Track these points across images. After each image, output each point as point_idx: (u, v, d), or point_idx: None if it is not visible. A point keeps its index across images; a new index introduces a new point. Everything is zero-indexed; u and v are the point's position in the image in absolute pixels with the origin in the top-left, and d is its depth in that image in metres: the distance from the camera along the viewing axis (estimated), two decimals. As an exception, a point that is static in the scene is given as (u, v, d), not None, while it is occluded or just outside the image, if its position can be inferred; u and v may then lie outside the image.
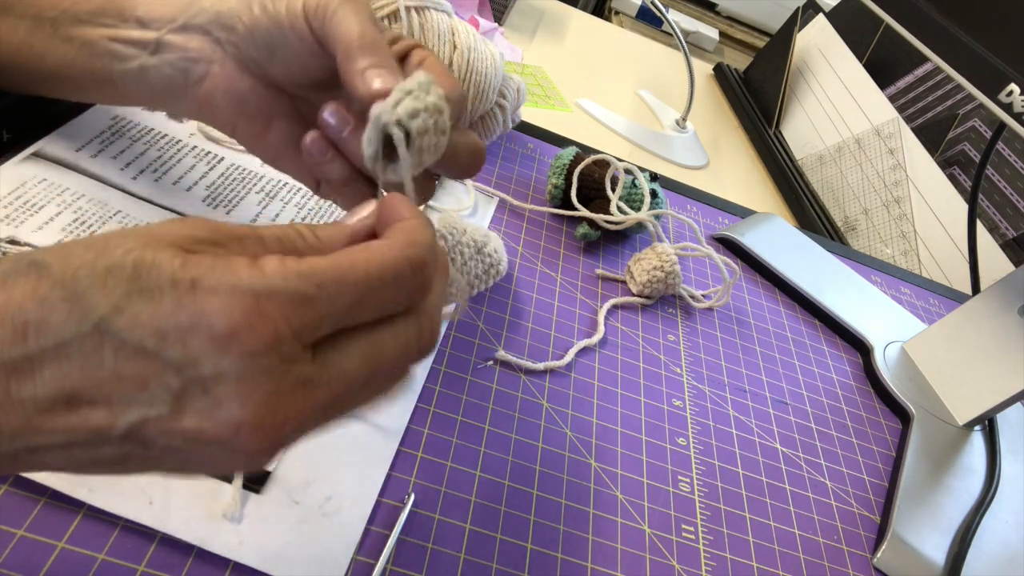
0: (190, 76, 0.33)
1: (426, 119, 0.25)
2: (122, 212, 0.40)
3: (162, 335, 0.18)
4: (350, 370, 0.21)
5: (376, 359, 0.22)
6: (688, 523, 0.40)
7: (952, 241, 0.77)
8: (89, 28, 0.34)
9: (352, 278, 0.20)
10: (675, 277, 0.52)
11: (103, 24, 0.34)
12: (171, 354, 0.18)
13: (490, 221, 0.54)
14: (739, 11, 1.61)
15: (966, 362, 0.55)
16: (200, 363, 0.18)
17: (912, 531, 0.44)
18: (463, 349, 0.43)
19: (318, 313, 0.20)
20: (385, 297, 0.21)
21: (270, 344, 0.19)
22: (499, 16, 0.98)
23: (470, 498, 0.36)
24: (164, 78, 0.34)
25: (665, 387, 0.48)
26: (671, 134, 0.93)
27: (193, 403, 0.19)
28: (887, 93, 0.93)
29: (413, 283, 0.22)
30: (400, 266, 0.21)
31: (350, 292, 0.20)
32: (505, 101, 0.59)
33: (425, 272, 0.22)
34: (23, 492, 0.28)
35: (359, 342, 0.21)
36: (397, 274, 0.21)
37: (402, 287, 0.22)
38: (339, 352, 0.21)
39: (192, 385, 0.18)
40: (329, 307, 0.20)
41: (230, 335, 0.18)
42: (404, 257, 0.22)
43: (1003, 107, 0.44)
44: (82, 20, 0.34)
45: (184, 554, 0.29)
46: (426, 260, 0.22)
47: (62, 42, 0.34)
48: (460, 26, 0.55)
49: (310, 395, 0.20)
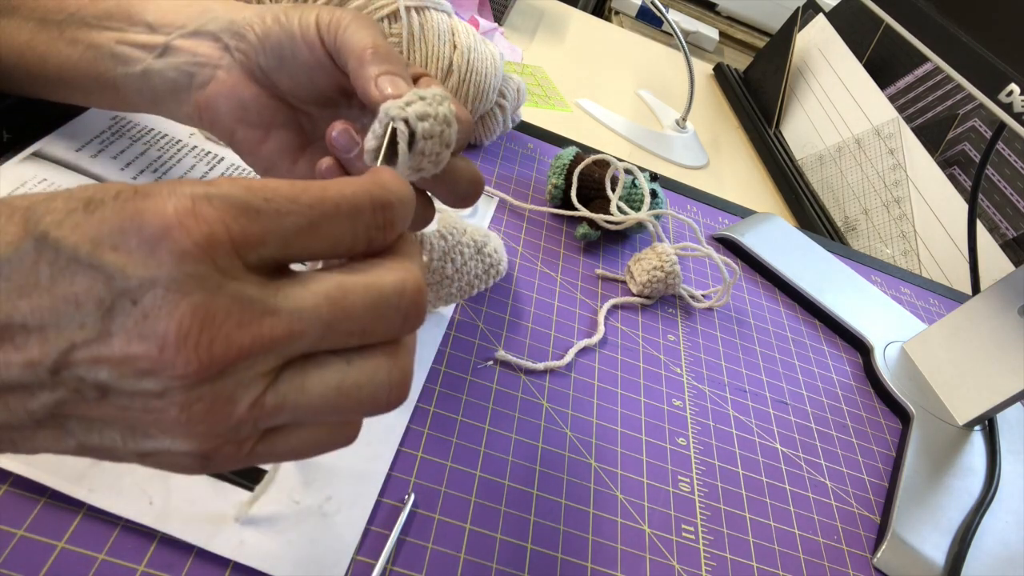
0: (195, 80, 0.33)
1: (433, 125, 0.25)
2: (122, 212, 0.40)
3: (96, 241, 0.17)
4: (307, 307, 0.19)
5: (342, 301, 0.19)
6: (688, 523, 0.40)
7: (952, 241, 0.77)
8: (96, 31, 0.34)
9: (305, 199, 0.19)
10: (675, 277, 0.52)
11: (111, 28, 0.34)
12: (103, 260, 0.17)
13: (490, 221, 0.54)
14: (739, 11, 1.61)
15: (966, 362, 0.55)
16: (128, 270, 0.17)
17: (912, 531, 0.44)
18: (463, 349, 0.43)
19: (262, 227, 0.18)
20: (340, 228, 0.20)
21: (203, 246, 0.17)
22: (499, 16, 0.98)
23: (470, 498, 0.36)
24: (167, 81, 0.34)
25: (665, 387, 0.48)
26: (671, 134, 0.93)
27: (122, 319, 0.17)
28: (887, 93, 0.93)
29: (372, 220, 0.20)
30: (360, 199, 0.20)
31: (301, 212, 0.19)
32: (505, 101, 0.59)
33: (388, 214, 0.21)
34: (23, 492, 0.28)
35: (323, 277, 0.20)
36: (355, 205, 0.20)
37: (359, 221, 0.20)
38: (298, 284, 0.19)
39: (122, 297, 0.17)
40: (275, 223, 0.19)
41: (161, 234, 0.17)
42: (365, 191, 0.20)
43: (1003, 107, 0.44)
44: (89, 24, 0.34)
45: (184, 554, 0.29)
46: (391, 202, 0.21)
47: (67, 45, 0.34)
48: (460, 26, 0.55)
49: (252, 320, 0.18)
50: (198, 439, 0.19)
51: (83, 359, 0.18)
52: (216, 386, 0.18)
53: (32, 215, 0.18)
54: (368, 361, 0.21)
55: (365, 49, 0.28)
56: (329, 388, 0.20)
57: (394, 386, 0.21)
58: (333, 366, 0.20)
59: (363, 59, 0.28)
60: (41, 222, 0.17)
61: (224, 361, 0.18)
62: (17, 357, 0.17)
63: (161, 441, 0.19)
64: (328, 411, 0.20)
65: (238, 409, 0.19)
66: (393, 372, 0.21)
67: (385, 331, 0.21)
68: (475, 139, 0.60)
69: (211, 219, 0.18)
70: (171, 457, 0.20)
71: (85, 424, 0.19)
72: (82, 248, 0.17)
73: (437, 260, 0.40)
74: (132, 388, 0.18)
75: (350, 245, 0.21)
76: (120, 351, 0.17)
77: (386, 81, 0.27)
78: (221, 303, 0.18)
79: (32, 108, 0.43)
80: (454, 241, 0.41)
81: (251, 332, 0.18)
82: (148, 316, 0.17)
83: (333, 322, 0.19)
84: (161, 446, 0.19)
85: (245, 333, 0.18)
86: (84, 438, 0.19)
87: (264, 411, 0.19)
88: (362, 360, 0.21)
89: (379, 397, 0.21)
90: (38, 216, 0.18)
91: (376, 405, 0.21)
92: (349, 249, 0.21)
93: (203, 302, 0.17)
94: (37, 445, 0.19)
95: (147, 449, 0.19)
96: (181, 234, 0.17)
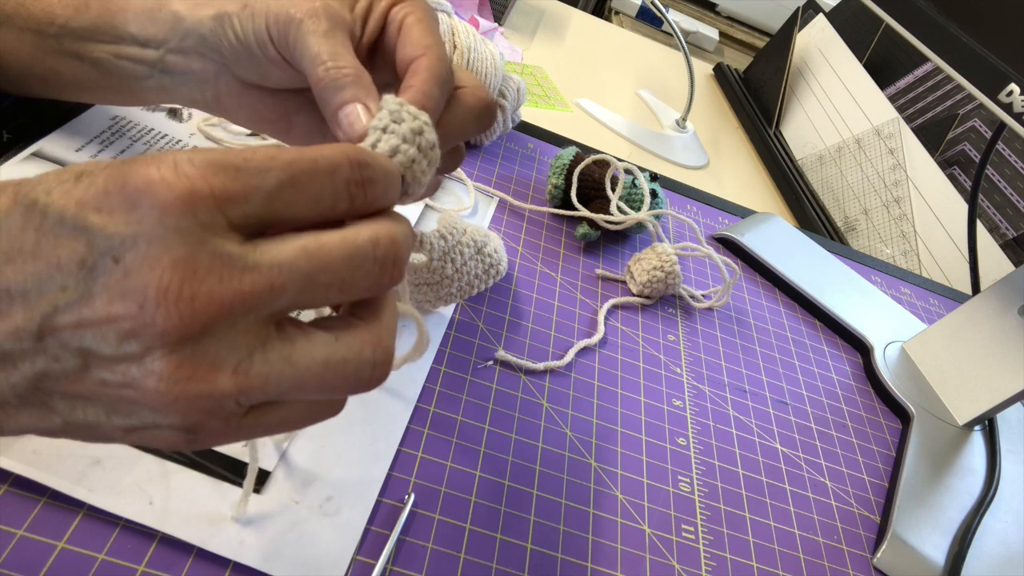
0: (204, 93, 0.34)
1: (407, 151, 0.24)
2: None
3: (81, 204, 0.17)
4: (285, 260, 0.19)
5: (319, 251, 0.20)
6: (688, 523, 0.40)
7: (952, 241, 0.77)
8: (90, 45, 0.34)
9: (284, 157, 0.19)
10: (675, 277, 0.52)
11: (103, 41, 0.34)
12: (86, 222, 0.17)
13: (490, 221, 0.54)
14: (739, 11, 1.61)
15: (966, 362, 0.55)
16: (110, 228, 0.17)
17: (912, 531, 0.44)
18: (463, 349, 0.43)
19: (243, 184, 0.19)
20: (320, 183, 0.20)
21: (185, 200, 0.18)
22: (499, 16, 0.98)
23: (470, 498, 0.36)
24: (185, 96, 0.34)
25: (665, 387, 0.48)
26: (671, 134, 0.93)
27: (104, 278, 0.17)
28: (887, 93, 0.93)
29: (351, 176, 0.21)
30: (336, 158, 0.20)
31: (280, 168, 0.19)
32: (505, 101, 0.59)
33: (365, 171, 0.21)
34: (23, 492, 0.28)
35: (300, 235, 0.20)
36: (332, 163, 0.20)
37: (338, 177, 0.20)
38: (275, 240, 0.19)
39: (103, 256, 0.17)
40: (256, 180, 0.19)
41: (142, 190, 0.17)
42: (341, 151, 0.21)
43: (1003, 107, 0.44)
44: (81, 37, 0.34)
45: (184, 554, 0.29)
46: (366, 161, 0.21)
47: (72, 59, 0.35)
48: (460, 26, 0.55)
49: (232, 275, 0.18)
50: (181, 411, 0.19)
51: (66, 323, 0.17)
52: (198, 349, 0.18)
53: (23, 187, 0.18)
54: (355, 338, 0.21)
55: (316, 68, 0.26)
56: (316, 361, 0.20)
57: (377, 364, 0.22)
58: (320, 339, 0.20)
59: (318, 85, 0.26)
60: (32, 192, 0.18)
61: (205, 317, 0.18)
62: (2, 326, 0.17)
63: (145, 415, 0.19)
64: (314, 386, 0.20)
65: (221, 377, 0.19)
66: (377, 351, 0.21)
67: (364, 283, 0.21)
68: (475, 139, 0.60)
69: (192, 175, 0.18)
70: (157, 431, 0.20)
71: (68, 401, 0.19)
72: (68, 211, 0.17)
73: (437, 260, 0.40)
74: (113, 353, 0.18)
75: (331, 202, 0.21)
76: (102, 311, 0.17)
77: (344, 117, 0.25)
78: (202, 258, 0.18)
79: (32, 108, 0.43)
80: (454, 241, 0.41)
81: (231, 287, 0.18)
82: (129, 273, 0.17)
83: (311, 273, 0.19)
84: (145, 420, 0.19)
85: (226, 288, 0.18)
86: (68, 415, 0.19)
87: (249, 381, 0.19)
88: (349, 336, 0.21)
89: (363, 374, 0.21)
90: (29, 187, 0.18)
91: (360, 383, 0.21)
92: (331, 207, 0.21)
93: (184, 256, 0.17)
94: (22, 424, 0.19)
95: (132, 424, 0.19)
96: (162, 188, 0.17)
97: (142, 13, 0.33)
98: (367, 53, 0.30)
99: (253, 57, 0.30)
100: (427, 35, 0.28)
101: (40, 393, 0.19)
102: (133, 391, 0.18)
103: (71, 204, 0.17)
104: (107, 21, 0.33)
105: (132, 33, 0.33)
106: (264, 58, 0.30)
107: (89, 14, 0.33)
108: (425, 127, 0.24)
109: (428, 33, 0.28)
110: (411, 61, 0.27)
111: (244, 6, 0.30)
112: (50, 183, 0.18)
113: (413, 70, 0.27)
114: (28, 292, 0.17)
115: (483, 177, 0.58)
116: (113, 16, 0.33)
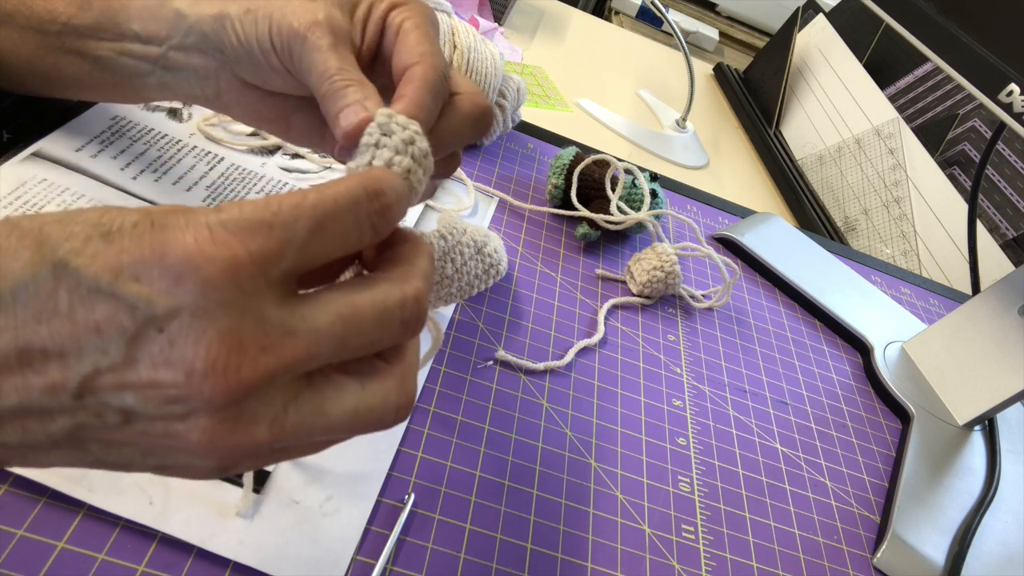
0: (205, 89, 0.34)
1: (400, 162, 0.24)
2: (122, 212, 0.40)
3: (117, 271, 0.17)
4: (323, 327, 0.20)
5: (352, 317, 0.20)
6: (688, 523, 0.40)
7: (952, 241, 0.77)
8: (93, 42, 0.34)
9: (308, 202, 0.20)
10: (675, 277, 0.52)
11: (105, 39, 0.34)
12: (125, 291, 0.17)
13: (490, 221, 0.54)
14: (739, 11, 1.61)
15: (966, 362, 0.55)
16: (154, 299, 0.17)
17: (912, 531, 0.44)
18: (463, 349, 0.43)
19: (277, 239, 0.19)
20: (345, 221, 0.20)
21: (228, 272, 0.18)
22: (499, 16, 0.98)
23: (470, 498, 0.36)
24: (186, 92, 0.34)
25: (665, 387, 0.48)
26: (671, 134, 0.93)
27: (147, 346, 0.17)
28: (887, 93, 0.93)
29: (370, 207, 0.21)
30: (354, 191, 0.21)
31: (307, 215, 0.19)
32: (505, 101, 0.59)
33: (382, 199, 0.21)
34: (23, 492, 0.28)
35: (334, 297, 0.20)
36: (352, 197, 0.21)
37: (360, 211, 0.21)
38: (312, 304, 0.20)
39: (147, 325, 0.17)
40: (287, 232, 0.19)
41: (185, 263, 0.17)
42: (357, 183, 0.21)
43: (1003, 107, 0.44)
44: (84, 35, 0.34)
45: (184, 554, 0.29)
46: (382, 188, 0.21)
47: (74, 57, 0.35)
48: (460, 26, 0.55)
49: (275, 343, 0.19)
50: (218, 457, 0.19)
51: (108, 384, 0.18)
52: (240, 409, 0.19)
53: (47, 240, 0.18)
54: (381, 386, 0.22)
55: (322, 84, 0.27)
56: (346, 411, 0.21)
57: (400, 408, 0.22)
58: (350, 390, 0.21)
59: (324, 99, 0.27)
60: (59, 248, 0.18)
61: (250, 386, 0.18)
62: (37, 381, 0.18)
63: (181, 458, 0.20)
64: (343, 433, 0.21)
65: (259, 429, 0.19)
66: (402, 396, 0.22)
67: (389, 340, 0.22)
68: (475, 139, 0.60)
69: (231, 243, 0.18)
70: (189, 470, 0.20)
71: (104, 445, 0.19)
72: (103, 278, 0.17)
73: (437, 260, 0.40)
74: (157, 412, 0.18)
75: (357, 237, 0.21)
76: (147, 376, 0.18)
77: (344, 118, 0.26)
78: (247, 328, 0.18)
79: (32, 108, 0.43)
80: (454, 241, 0.41)
81: (275, 355, 0.19)
82: (175, 343, 0.17)
83: (345, 338, 0.20)
84: (181, 461, 0.20)
85: (270, 356, 0.19)
86: (103, 456, 0.20)
87: (285, 432, 0.20)
88: (375, 385, 0.22)
89: (387, 418, 0.22)
90: (55, 242, 0.18)
91: (383, 425, 0.22)
92: (358, 241, 0.21)
93: (230, 328, 0.18)
94: (52, 461, 0.20)
95: (166, 464, 0.20)
96: (205, 262, 0.18)
97: (144, 10, 0.33)
98: (368, 58, 0.30)
99: (255, 61, 0.30)
100: (423, 42, 0.28)
101: (77, 440, 0.19)
102: (174, 441, 0.19)
103: (105, 271, 0.17)
104: (110, 18, 0.33)
105: (135, 30, 0.33)
106: (266, 65, 0.30)
107: (92, 12, 0.33)
108: (416, 136, 0.24)
109: (424, 39, 0.28)
110: (406, 68, 0.27)
111: (246, 10, 0.29)
112: (76, 239, 0.18)
113: (407, 78, 0.27)
114: (66, 353, 0.17)
115: (483, 177, 0.58)
116: (116, 13, 0.33)
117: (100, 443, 0.19)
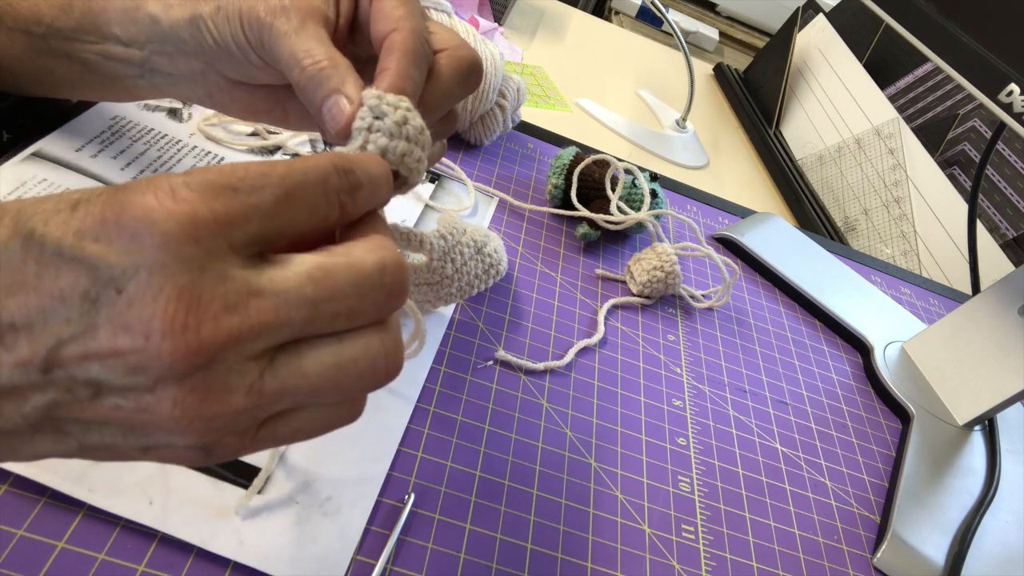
0: (196, 91, 0.33)
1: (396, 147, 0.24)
2: (122, 212, 0.40)
3: (80, 234, 0.17)
4: (291, 288, 0.19)
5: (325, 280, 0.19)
6: (688, 523, 0.40)
7: (952, 241, 0.77)
8: (77, 45, 0.33)
9: (277, 171, 0.19)
10: (675, 277, 0.52)
11: (88, 41, 0.33)
12: (85, 252, 0.17)
13: (490, 221, 0.54)
14: (739, 11, 1.61)
15: (966, 362, 0.55)
16: (111, 258, 0.17)
17: (912, 531, 0.44)
18: (463, 349, 0.43)
19: (241, 202, 0.18)
20: (313, 194, 0.20)
21: (187, 227, 0.17)
22: (499, 16, 0.98)
23: (470, 498, 0.36)
24: (179, 93, 0.34)
25: (665, 387, 0.48)
26: (671, 134, 0.93)
27: (107, 310, 0.17)
28: (887, 93, 0.93)
29: (339, 183, 0.21)
30: (323, 167, 0.20)
31: (275, 184, 0.19)
32: (505, 101, 0.59)
33: (351, 177, 0.21)
34: (23, 492, 0.28)
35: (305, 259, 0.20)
36: (321, 171, 0.20)
37: (328, 185, 0.20)
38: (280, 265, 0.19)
39: (106, 287, 0.17)
40: (254, 198, 0.19)
41: (142, 219, 0.17)
42: (328, 161, 0.21)
43: (1003, 107, 0.44)
44: (68, 37, 0.33)
45: (184, 554, 0.29)
46: (351, 167, 0.21)
47: (63, 59, 0.34)
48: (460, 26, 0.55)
49: (239, 302, 0.18)
50: (196, 434, 0.19)
51: (73, 355, 0.17)
52: (208, 375, 0.18)
53: (22, 216, 0.18)
54: (360, 337, 0.21)
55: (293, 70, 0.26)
56: (326, 366, 0.20)
57: (389, 354, 0.21)
58: (327, 345, 0.20)
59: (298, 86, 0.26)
60: (29, 221, 0.17)
61: (213, 346, 0.17)
62: (8, 358, 0.17)
63: (160, 437, 0.19)
64: (329, 389, 0.20)
65: (234, 398, 0.18)
66: (385, 342, 0.21)
67: (371, 310, 0.21)
68: (475, 139, 0.60)
69: (192, 200, 0.18)
70: (173, 451, 0.20)
71: (82, 426, 0.19)
72: (65, 241, 0.17)
73: (437, 260, 0.40)
74: (123, 383, 0.18)
75: (325, 212, 0.21)
76: (107, 344, 0.17)
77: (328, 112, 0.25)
78: (207, 285, 0.17)
79: (32, 108, 0.43)
80: (454, 241, 0.41)
81: (239, 315, 0.18)
82: (133, 304, 0.17)
83: (318, 302, 0.19)
84: (161, 440, 0.19)
85: (233, 316, 0.18)
86: (83, 438, 0.19)
87: (264, 398, 0.19)
88: (353, 336, 0.21)
89: (377, 367, 0.21)
90: (27, 216, 0.18)
91: (376, 376, 0.21)
92: (325, 216, 0.21)
93: (188, 284, 0.17)
94: (37, 450, 0.19)
95: (148, 444, 0.19)
96: (162, 216, 0.17)
97: (123, 13, 0.32)
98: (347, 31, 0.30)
99: (235, 60, 0.30)
100: (398, 5, 0.27)
101: (53, 420, 0.19)
102: (147, 415, 0.18)
103: (68, 234, 0.17)
104: (91, 21, 0.33)
105: (116, 33, 0.33)
106: (246, 61, 0.30)
107: (73, 14, 0.33)
108: (408, 114, 0.24)
109: (398, 3, 0.28)
110: (384, 36, 0.27)
111: (217, 8, 0.29)
112: (47, 212, 0.18)
113: (387, 48, 0.26)
114: (32, 325, 0.17)
115: (483, 177, 0.58)
116: (96, 16, 0.33)
117: (77, 424, 0.19)
